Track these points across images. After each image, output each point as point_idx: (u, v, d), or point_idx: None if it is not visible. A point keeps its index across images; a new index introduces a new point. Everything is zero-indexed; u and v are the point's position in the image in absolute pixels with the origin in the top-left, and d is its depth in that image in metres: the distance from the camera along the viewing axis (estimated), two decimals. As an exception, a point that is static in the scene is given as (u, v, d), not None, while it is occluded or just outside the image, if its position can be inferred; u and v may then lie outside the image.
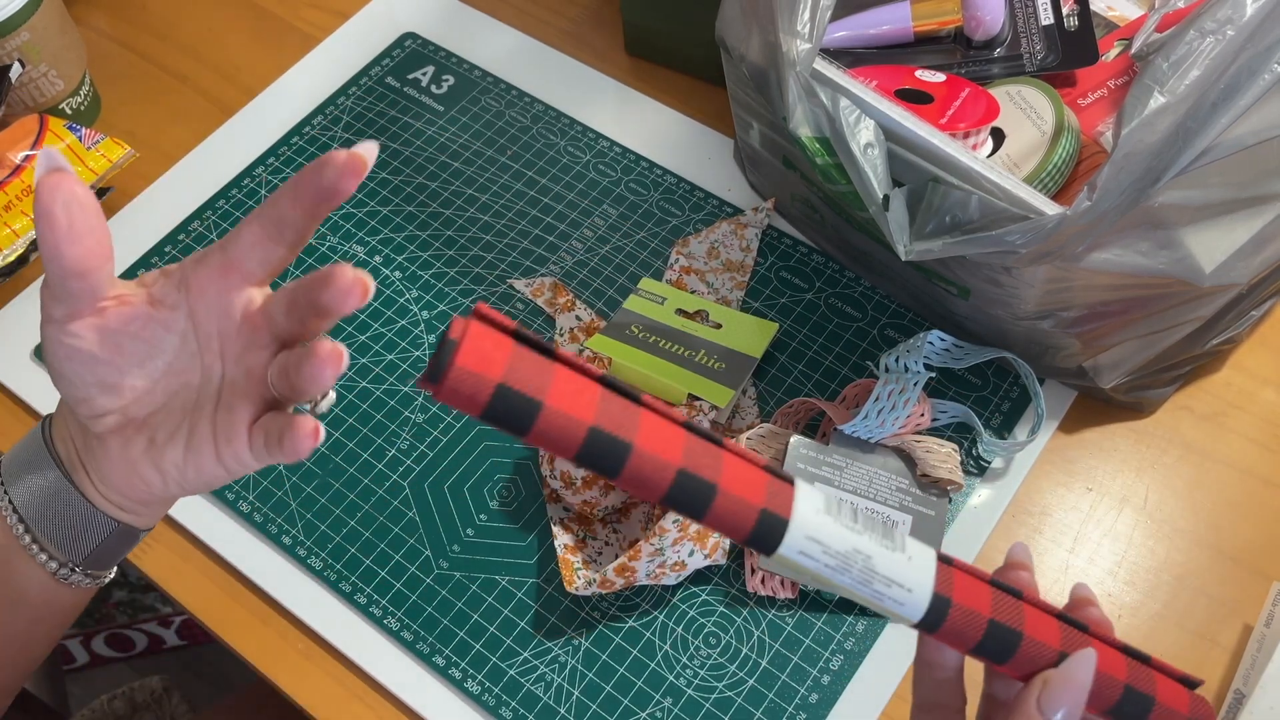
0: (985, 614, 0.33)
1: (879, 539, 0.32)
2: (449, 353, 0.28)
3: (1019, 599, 0.34)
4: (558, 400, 0.29)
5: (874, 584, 0.31)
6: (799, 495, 0.31)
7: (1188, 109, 0.46)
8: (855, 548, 0.31)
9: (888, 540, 0.32)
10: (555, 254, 0.70)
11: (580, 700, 0.55)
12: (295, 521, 0.61)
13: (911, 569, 0.32)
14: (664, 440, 0.30)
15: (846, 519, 0.32)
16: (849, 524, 0.31)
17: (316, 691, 0.57)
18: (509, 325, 0.29)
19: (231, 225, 0.72)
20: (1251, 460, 0.61)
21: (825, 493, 0.32)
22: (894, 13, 0.65)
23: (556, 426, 0.29)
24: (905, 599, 0.32)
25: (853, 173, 0.53)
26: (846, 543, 0.31)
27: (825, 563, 0.31)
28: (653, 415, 0.30)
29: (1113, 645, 0.35)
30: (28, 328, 0.69)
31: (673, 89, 0.77)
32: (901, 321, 0.66)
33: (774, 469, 0.32)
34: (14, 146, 0.70)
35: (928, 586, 0.32)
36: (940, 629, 0.32)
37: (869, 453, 0.59)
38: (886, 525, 0.32)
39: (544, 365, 0.29)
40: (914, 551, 0.32)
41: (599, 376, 0.30)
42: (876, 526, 0.32)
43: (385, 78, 0.79)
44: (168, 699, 0.93)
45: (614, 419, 0.29)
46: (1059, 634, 0.34)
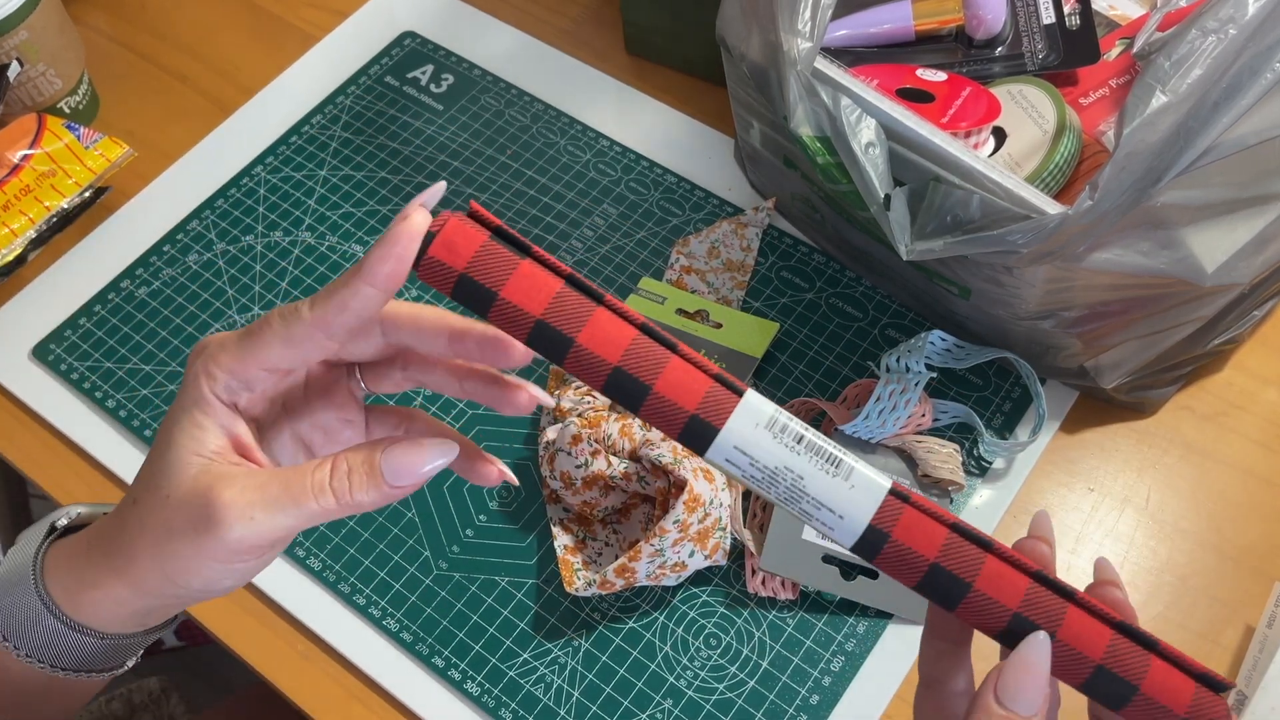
0: (929, 557, 0.33)
1: (819, 463, 0.33)
2: (426, 243, 0.33)
3: (985, 550, 0.33)
4: (512, 293, 0.33)
5: (802, 503, 0.33)
6: (740, 408, 0.33)
7: (1189, 108, 0.46)
8: (786, 465, 0.33)
9: (829, 466, 0.33)
10: (555, 254, 0.70)
11: (580, 702, 0.55)
12: (294, 522, 0.61)
13: (849, 496, 0.33)
14: (609, 339, 0.33)
15: (788, 440, 0.33)
16: (788, 444, 0.33)
17: (316, 692, 0.57)
18: (492, 222, 0.34)
19: (231, 224, 0.72)
20: (1253, 460, 0.61)
21: (776, 411, 0.33)
22: (895, 11, 0.65)
23: (507, 317, 0.33)
24: (835, 524, 0.33)
25: (854, 172, 0.53)
26: (777, 459, 0.33)
27: (752, 474, 0.33)
28: (607, 314, 0.33)
29: (1102, 619, 0.33)
30: (27, 328, 0.68)
31: (673, 89, 0.77)
32: (902, 321, 0.66)
33: (725, 379, 0.33)
34: (12, 146, 0.70)
35: (863, 517, 0.33)
36: (876, 560, 0.33)
37: (870, 453, 0.59)
38: (837, 454, 0.33)
39: (509, 260, 0.33)
40: (859, 481, 0.33)
41: (567, 275, 0.33)
42: (823, 453, 0.33)
43: (384, 76, 0.78)
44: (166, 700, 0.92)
45: (564, 315, 0.33)
46: (1021, 594, 0.33)
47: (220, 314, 0.68)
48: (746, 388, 0.33)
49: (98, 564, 0.37)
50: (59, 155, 0.70)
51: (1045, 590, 0.33)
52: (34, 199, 0.69)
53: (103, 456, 0.64)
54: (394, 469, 0.34)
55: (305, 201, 0.73)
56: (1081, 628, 0.33)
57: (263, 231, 0.72)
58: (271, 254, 0.71)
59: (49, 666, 0.38)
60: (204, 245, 0.71)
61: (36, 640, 0.38)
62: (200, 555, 0.34)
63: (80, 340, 0.68)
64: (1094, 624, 0.33)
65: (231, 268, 0.70)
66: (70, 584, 0.38)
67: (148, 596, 0.37)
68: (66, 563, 0.38)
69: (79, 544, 0.38)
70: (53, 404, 0.66)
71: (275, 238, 0.71)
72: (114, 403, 0.65)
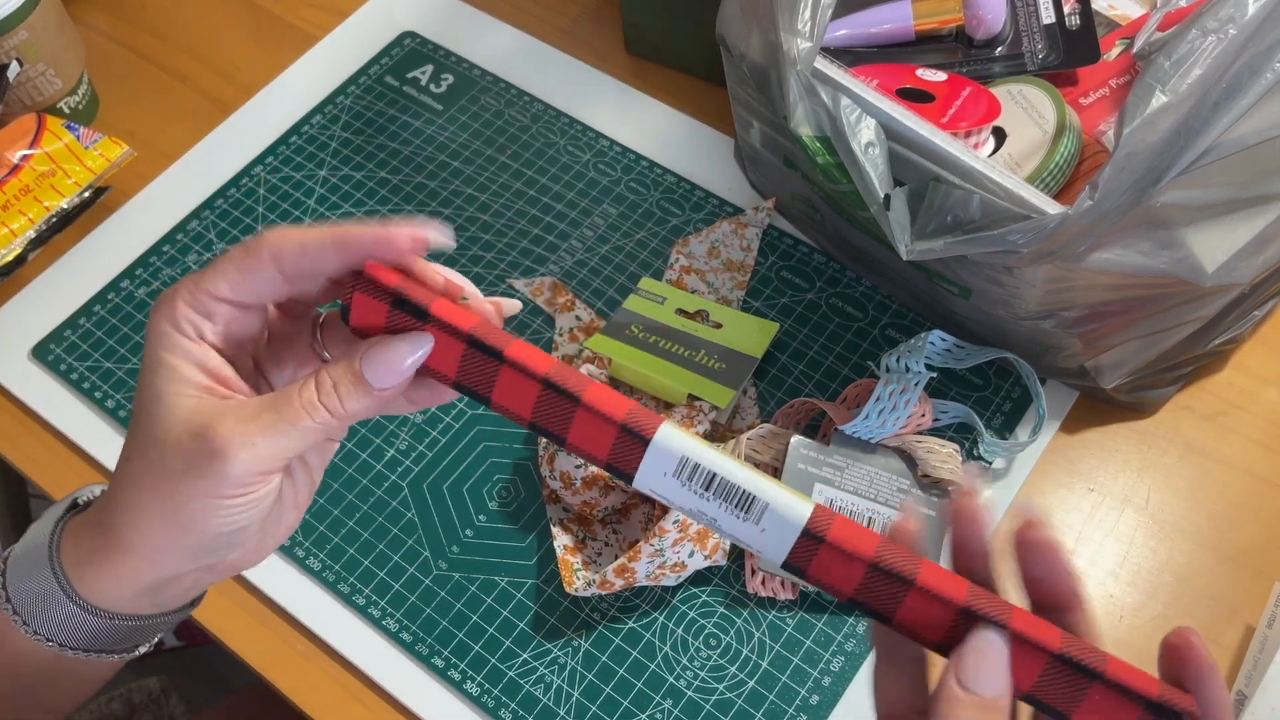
0: (847, 592, 0.34)
1: (729, 508, 0.34)
2: (345, 314, 0.36)
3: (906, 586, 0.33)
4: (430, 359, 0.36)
5: (723, 534, 0.35)
6: (647, 456, 0.34)
7: (1190, 108, 0.46)
8: (699, 509, 0.34)
9: (739, 511, 0.34)
10: (555, 254, 0.70)
11: (580, 702, 0.55)
12: (294, 522, 0.61)
13: (760, 538, 0.34)
14: (518, 396, 0.35)
15: (698, 486, 0.34)
16: (698, 490, 0.34)
17: (315, 692, 0.57)
18: (390, 287, 0.35)
19: (230, 224, 0.72)
20: (1253, 460, 0.61)
21: (685, 454, 0.34)
22: (895, 11, 0.65)
23: (433, 376, 0.36)
24: (758, 553, 0.34)
25: (854, 172, 0.53)
26: (690, 503, 0.34)
27: (679, 508, 0.35)
28: (511, 372, 0.35)
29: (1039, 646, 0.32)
30: (27, 328, 0.68)
31: (673, 88, 0.77)
32: (902, 321, 0.66)
33: (632, 428, 0.34)
34: (12, 146, 0.70)
35: (778, 556, 0.34)
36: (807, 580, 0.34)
37: (870, 453, 0.59)
38: (750, 495, 0.34)
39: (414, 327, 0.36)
40: (770, 524, 0.34)
41: (467, 335, 0.35)
42: (733, 496, 0.34)
43: (384, 76, 0.78)
44: (166, 700, 0.92)
45: (474, 376, 0.35)
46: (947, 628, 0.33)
47: (220, 314, 0.68)
48: (654, 434, 0.34)
49: (106, 536, 0.36)
50: (59, 155, 0.70)
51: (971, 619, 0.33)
52: (34, 199, 0.69)
53: (103, 457, 0.64)
54: (376, 373, 0.35)
55: (305, 202, 0.73)
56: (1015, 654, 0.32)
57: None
58: (271, 254, 0.71)
59: (58, 645, 0.38)
60: (204, 245, 0.71)
61: (50, 620, 0.37)
62: (209, 494, 0.34)
63: (80, 340, 0.68)
64: (1030, 650, 0.32)
65: (231, 268, 0.70)
66: (81, 559, 0.37)
67: (160, 564, 0.36)
68: (77, 540, 0.37)
69: (88, 519, 0.38)
70: (53, 404, 0.66)
71: (275, 238, 0.71)
72: (114, 403, 0.65)
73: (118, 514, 0.36)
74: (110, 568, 0.36)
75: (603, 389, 0.35)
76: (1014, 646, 0.32)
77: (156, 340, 0.35)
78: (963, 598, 0.33)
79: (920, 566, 0.33)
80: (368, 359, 0.35)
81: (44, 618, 0.37)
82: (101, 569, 0.36)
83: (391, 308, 0.35)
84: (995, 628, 0.32)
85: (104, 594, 0.37)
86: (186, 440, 0.34)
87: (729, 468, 0.34)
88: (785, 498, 0.33)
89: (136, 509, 0.35)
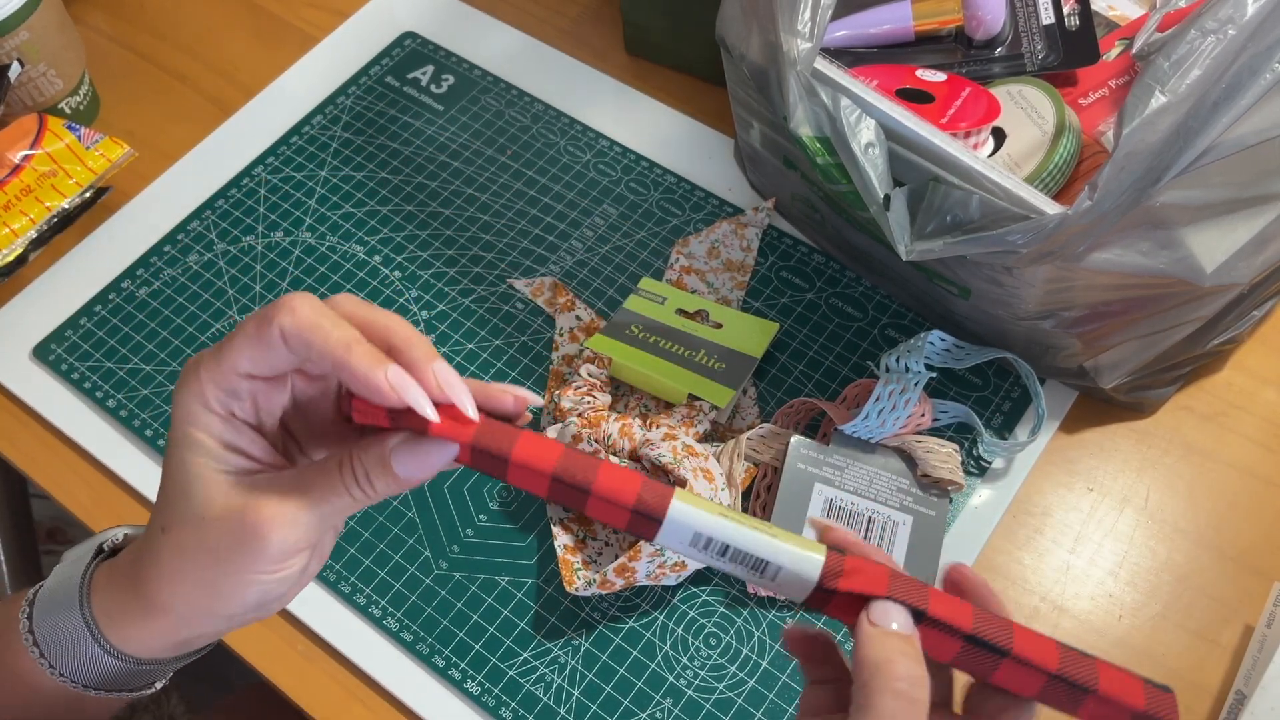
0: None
1: (745, 570, 0.35)
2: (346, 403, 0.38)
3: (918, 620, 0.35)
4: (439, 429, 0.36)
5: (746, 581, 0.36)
6: (661, 533, 0.35)
7: (1189, 108, 0.46)
8: (721, 568, 0.36)
9: (755, 574, 0.35)
10: (555, 254, 0.70)
11: (580, 701, 0.55)
12: (294, 522, 0.61)
13: (781, 588, 0.36)
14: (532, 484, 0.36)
15: (714, 553, 0.35)
16: (714, 556, 0.35)
17: (316, 692, 0.57)
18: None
19: (231, 225, 0.72)
20: (1253, 460, 0.61)
21: (696, 530, 0.35)
22: (895, 12, 0.65)
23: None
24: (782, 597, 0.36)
25: (853, 172, 0.53)
26: (712, 564, 0.36)
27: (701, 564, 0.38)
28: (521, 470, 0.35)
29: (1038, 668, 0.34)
30: (27, 327, 0.68)
31: (673, 89, 0.77)
32: (902, 321, 0.66)
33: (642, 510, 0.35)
34: (13, 146, 0.70)
35: (797, 598, 0.36)
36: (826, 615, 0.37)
37: (869, 453, 0.59)
38: (763, 560, 0.35)
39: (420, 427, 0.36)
40: (785, 580, 0.35)
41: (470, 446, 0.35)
42: (747, 561, 0.35)
43: (385, 77, 0.79)
44: (166, 699, 0.92)
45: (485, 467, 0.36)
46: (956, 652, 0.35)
47: (221, 314, 0.68)
48: (665, 514, 0.35)
49: (142, 596, 0.37)
50: (60, 155, 0.70)
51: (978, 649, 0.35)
52: (35, 199, 0.69)
53: (103, 456, 0.64)
54: (405, 469, 0.35)
55: (306, 202, 0.73)
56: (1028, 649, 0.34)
57: (263, 232, 0.72)
58: (272, 254, 0.71)
59: (81, 686, 0.39)
60: (204, 245, 0.71)
61: (74, 661, 0.38)
62: (249, 569, 0.35)
63: (81, 340, 0.68)
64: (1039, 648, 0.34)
65: (232, 268, 0.70)
66: (114, 612, 0.38)
67: (193, 624, 0.37)
68: (110, 590, 0.38)
69: (120, 573, 0.39)
70: (53, 404, 0.66)
71: (276, 238, 0.71)
72: (114, 403, 0.65)
73: (157, 581, 0.37)
74: (144, 625, 0.38)
75: (611, 474, 0.35)
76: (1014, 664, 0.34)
77: (185, 417, 0.36)
78: (969, 625, 0.34)
79: (929, 597, 0.35)
80: (398, 457, 0.35)
81: (68, 659, 0.38)
82: (134, 624, 0.38)
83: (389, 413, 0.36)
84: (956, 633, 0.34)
85: (133, 643, 0.38)
86: (226, 519, 0.35)
87: (741, 536, 0.35)
88: (797, 557, 0.35)
89: (177, 579, 0.36)
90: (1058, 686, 0.34)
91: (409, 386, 0.34)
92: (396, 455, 0.35)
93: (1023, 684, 0.34)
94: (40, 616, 0.39)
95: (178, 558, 0.36)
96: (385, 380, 0.34)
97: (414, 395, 0.34)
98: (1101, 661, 0.34)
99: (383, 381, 0.34)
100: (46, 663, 0.38)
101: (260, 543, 0.35)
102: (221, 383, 0.35)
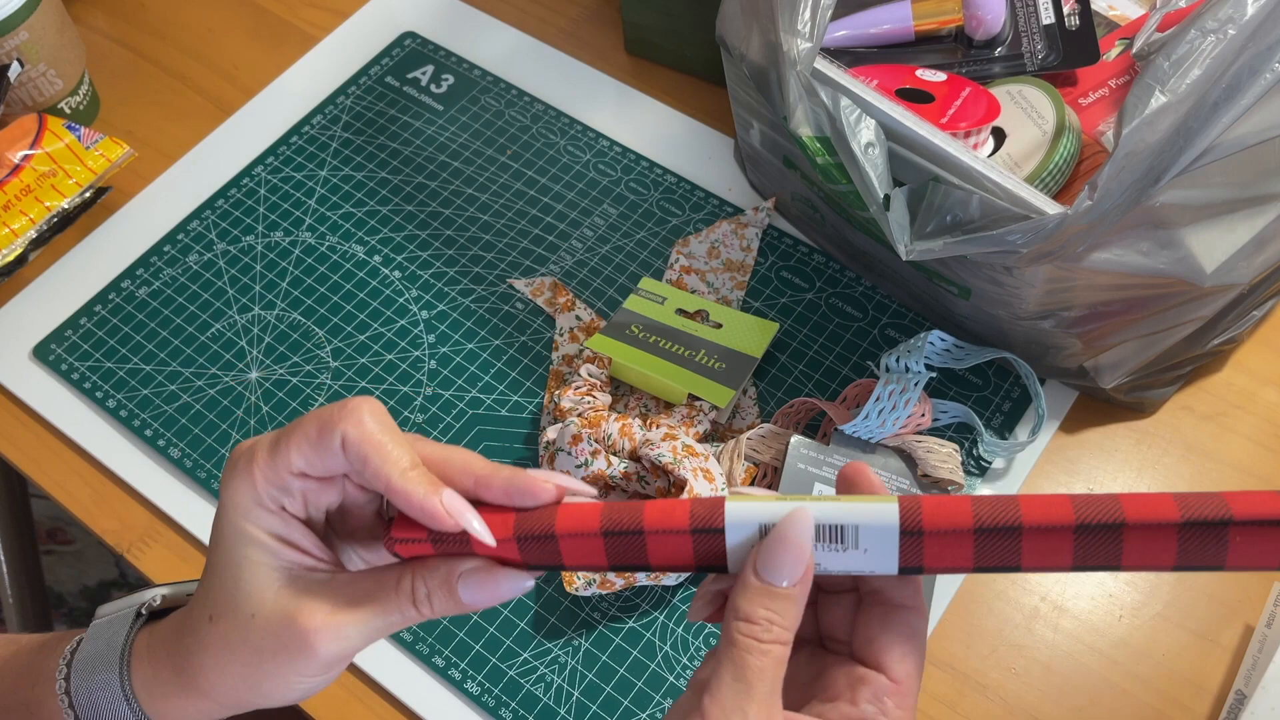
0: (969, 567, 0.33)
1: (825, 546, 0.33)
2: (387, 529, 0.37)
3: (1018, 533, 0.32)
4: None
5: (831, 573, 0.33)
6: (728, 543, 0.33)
7: (1189, 108, 0.46)
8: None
9: (837, 545, 0.33)
10: (555, 254, 0.70)
11: (580, 701, 0.55)
12: (294, 522, 0.61)
13: (870, 559, 0.33)
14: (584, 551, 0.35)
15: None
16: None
17: (316, 692, 0.57)
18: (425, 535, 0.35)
19: (231, 225, 0.72)
20: (1253, 461, 0.61)
21: (760, 520, 0.33)
22: (895, 12, 0.65)
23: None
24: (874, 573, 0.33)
25: (853, 172, 0.53)
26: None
27: None
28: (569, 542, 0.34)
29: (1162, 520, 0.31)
30: (27, 328, 0.68)
31: (673, 89, 0.77)
32: (902, 321, 0.66)
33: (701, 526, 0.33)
34: (13, 146, 0.70)
35: (891, 565, 0.33)
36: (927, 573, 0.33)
37: (870, 453, 0.59)
38: (836, 530, 0.33)
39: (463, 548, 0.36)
40: (869, 542, 0.33)
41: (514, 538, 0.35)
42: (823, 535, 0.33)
43: (385, 77, 0.79)
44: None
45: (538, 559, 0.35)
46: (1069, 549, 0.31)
47: (220, 314, 0.68)
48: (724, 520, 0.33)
49: (182, 679, 0.37)
50: (60, 155, 0.70)
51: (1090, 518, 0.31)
52: (34, 199, 0.69)
53: (103, 456, 0.64)
54: (471, 597, 0.35)
55: (306, 202, 0.73)
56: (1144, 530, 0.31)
57: (263, 232, 0.72)
58: (272, 254, 0.71)
59: None
60: (204, 245, 0.71)
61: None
62: (292, 673, 0.35)
63: (81, 340, 0.68)
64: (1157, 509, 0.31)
65: (232, 268, 0.70)
66: (153, 687, 0.38)
67: (232, 709, 0.37)
68: (151, 664, 0.38)
69: (161, 649, 0.38)
70: (53, 404, 0.66)
71: (276, 238, 0.71)
72: (114, 403, 0.65)
73: (199, 668, 0.37)
74: (183, 704, 0.38)
75: (657, 508, 0.34)
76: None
77: (236, 512, 0.35)
78: (1070, 518, 0.31)
79: (1020, 506, 0.32)
80: (467, 585, 0.35)
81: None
82: (172, 702, 0.38)
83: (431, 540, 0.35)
84: (802, 512, 0.32)
85: (167, 718, 0.38)
86: (277, 621, 0.35)
87: (814, 507, 0.33)
88: (872, 510, 0.33)
89: (220, 672, 0.36)
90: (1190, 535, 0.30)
91: (464, 511, 0.34)
92: (465, 582, 0.35)
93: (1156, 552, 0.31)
94: (78, 679, 0.39)
95: (224, 651, 0.36)
96: (440, 505, 0.34)
97: (470, 521, 0.34)
98: (1226, 494, 0.31)
99: (438, 506, 0.34)
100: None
101: (308, 652, 0.35)
102: (275, 480, 0.35)
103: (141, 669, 0.38)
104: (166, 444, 0.64)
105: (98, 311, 0.69)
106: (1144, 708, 0.55)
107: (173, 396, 0.65)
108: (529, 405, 0.64)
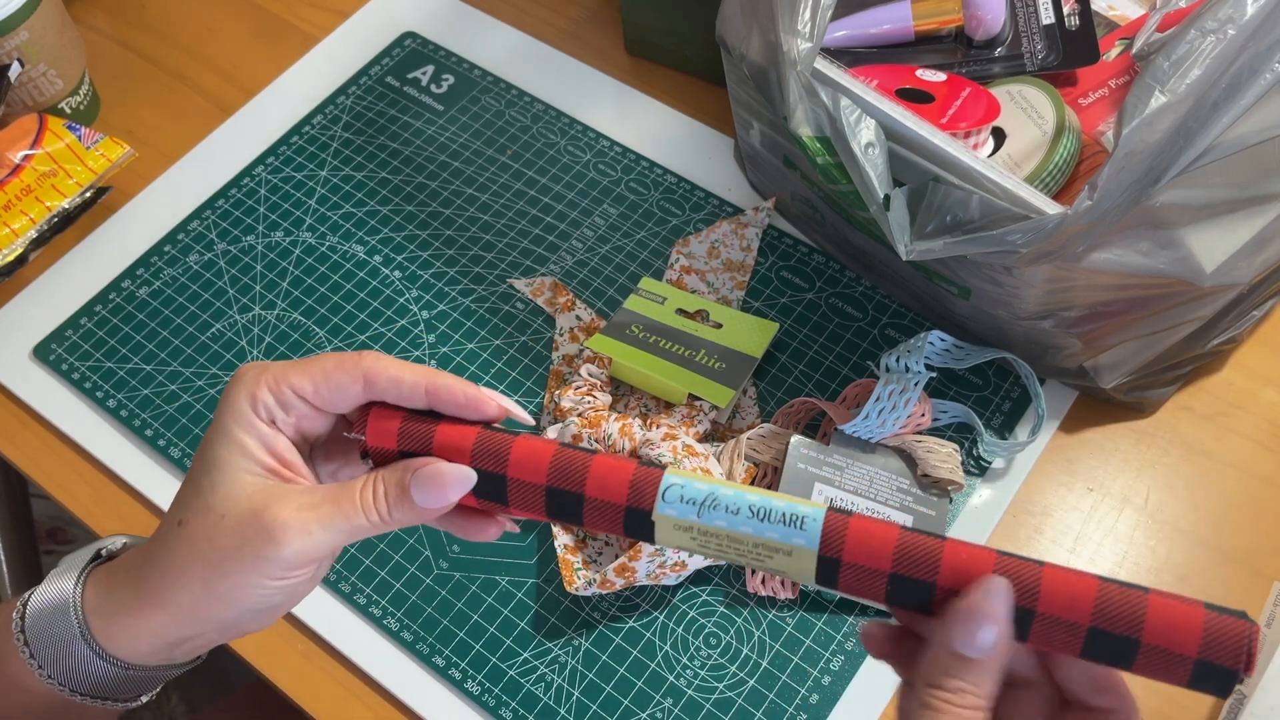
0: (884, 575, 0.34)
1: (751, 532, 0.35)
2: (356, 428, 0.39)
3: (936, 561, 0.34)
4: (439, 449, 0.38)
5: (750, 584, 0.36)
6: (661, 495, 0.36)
7: (1189, 108, 0.46)
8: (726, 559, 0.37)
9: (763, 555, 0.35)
10: (555, 254, 0.70)
11: (580, 701, 0.55)
12: (295, 521, 0.61)
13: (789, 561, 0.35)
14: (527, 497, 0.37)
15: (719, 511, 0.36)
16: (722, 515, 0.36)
17: (316, 691, 0.57)
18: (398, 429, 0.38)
19: (231, 224, 0.72)
20: (1253, 460, 0.61)
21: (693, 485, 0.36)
22: (895, 12, 0.65)
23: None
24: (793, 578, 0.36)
25: (853, 172, 0.53)
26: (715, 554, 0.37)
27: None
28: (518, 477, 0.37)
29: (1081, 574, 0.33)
30: (28, 327, 0.68)
31: (673, 89, 0.77)
32: (902, 321, 0.66)
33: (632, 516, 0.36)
34: (13, 146, 0.70)
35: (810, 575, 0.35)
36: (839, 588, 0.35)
37: (869, 453, 0.59)
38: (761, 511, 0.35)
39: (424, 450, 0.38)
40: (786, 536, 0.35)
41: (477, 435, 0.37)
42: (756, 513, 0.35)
43: (385, 77, 0.79)
44: (166, 699, 0.92)
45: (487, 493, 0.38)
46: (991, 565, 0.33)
47: (221, 314, 0.68)
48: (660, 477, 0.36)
49: (140, 591, 0.37)
50: (60, 155, 0.70)
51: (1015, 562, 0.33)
52: (35, 199, 0.69)
53: (103, 456, 0.64)
54: (421, 494, 0.36)
55: (306, 202, 0.73)
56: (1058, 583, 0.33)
57: (263, 232, 0.72)
58: (272, 254, 0.71)
59: (68, 691, 0.39)
60: (205, 245, 0.71)
61: (63, 664, 0.38)
62: (255, 572, 0.36)
63: (81, 340, 0.68)
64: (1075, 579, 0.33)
65: (232, 268, 0.70)
66: (108, 610, 0.38)
67: (187, 624, 0.37)
68: (106, 588, 0.39)
69: (120, 570, 0.39)
70: (53, 404, 0.66)
71: (276, 238, 0.71)
72: (115, 403, 0.65)
73: (160, 571, 0.37)
74: (137, 620, 0.38)
75: (603, 466, 0.36)
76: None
77: (230, 415, 0.37)
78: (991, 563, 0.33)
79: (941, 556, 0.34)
80: (416, 481, 0.37)
81: (58, 661, 0.38)
82: (126, 621, 0.38)
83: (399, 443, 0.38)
84: (999, 582, 0.33)
85: (122, 645, 0.38)
86: (246, 518, 0.36)
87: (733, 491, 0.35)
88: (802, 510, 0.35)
89: (180, 571, 0.36)
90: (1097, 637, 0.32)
91: (499, 397, 0.38)
92: (416, 479, 0.36)
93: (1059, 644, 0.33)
94: (33, 617, 0.39)
95: (189, 553, 0.36)
96: (482, 392, 0.37)
97: (506, 402, 0.38)
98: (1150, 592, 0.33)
99: (481, 391, 0.37)
100: (36, 664, 0.38)
101: (272, 547, 0.35)
102: (277, 394, 0.37)
103: (96, 596, 0.38)
104: (167, 444, 0.64)
105: (98, 311, 0.69)
106: (1143, 707, 0.55)
107: (173, 396, 0.65)
108: (529, 405, 0.64)
